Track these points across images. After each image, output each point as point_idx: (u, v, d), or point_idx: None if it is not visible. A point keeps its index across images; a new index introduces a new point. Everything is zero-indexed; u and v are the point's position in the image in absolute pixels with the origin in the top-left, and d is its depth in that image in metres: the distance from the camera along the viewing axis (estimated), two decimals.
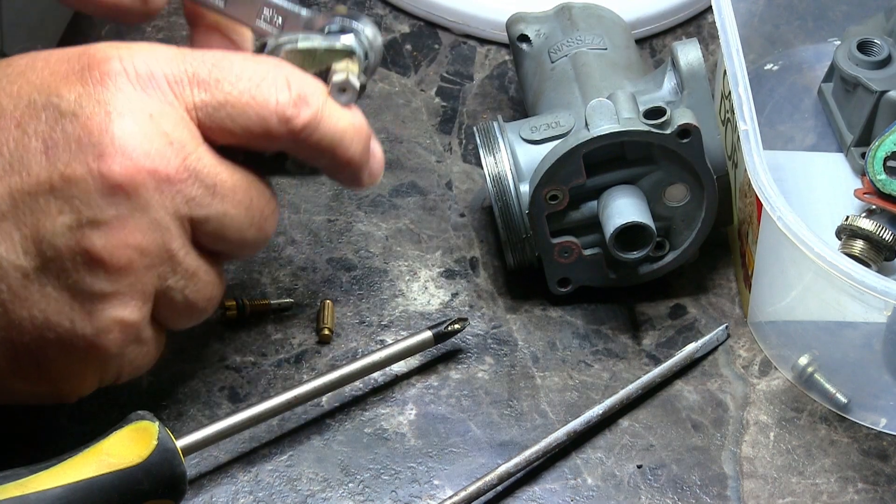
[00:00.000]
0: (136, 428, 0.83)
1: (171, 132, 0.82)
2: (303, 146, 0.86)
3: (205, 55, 0.85)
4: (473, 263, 1.02)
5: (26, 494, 0.79)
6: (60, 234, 0.81)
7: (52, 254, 0.81)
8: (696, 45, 0.97)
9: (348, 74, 0.87)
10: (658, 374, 0.95)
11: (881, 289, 0.86)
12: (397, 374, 0.95)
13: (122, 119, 0.81)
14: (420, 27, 1.17)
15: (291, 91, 0.84)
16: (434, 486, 0.90)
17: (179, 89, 0.83)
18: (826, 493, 0.91)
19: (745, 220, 0.97)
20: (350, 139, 0.87)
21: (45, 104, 0.81)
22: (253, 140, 0.85)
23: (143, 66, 0.83)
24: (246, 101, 0.84)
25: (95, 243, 0.81)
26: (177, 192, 0.82)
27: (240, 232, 0.85)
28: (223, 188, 0.84)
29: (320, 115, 0.85)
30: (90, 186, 0.81)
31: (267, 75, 0.84)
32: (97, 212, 0.81)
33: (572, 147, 0.93)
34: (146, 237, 0.82)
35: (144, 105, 0.82)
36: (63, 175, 0.80)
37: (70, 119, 0.81)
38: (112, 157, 0.81)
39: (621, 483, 0.91)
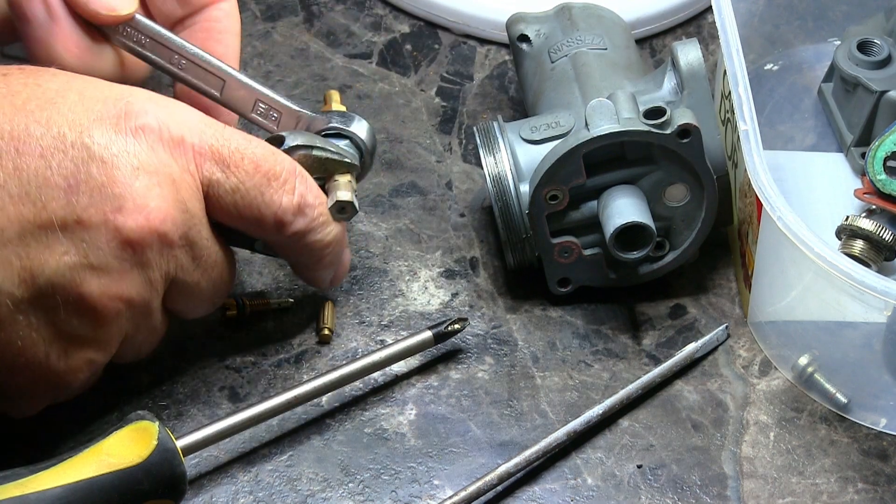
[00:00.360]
0: (136, 428, 0.83)
1: (187, 201, 0.84)
2: (284, 245, 0.90)
3: (233, 134, 0.87)
4: (473, 263, 1.02)
5: (26, 494, 0.79)
6: (61, 273, 0.81)
7: (46, 290, 0.82)
8: (696, 45, 0.97)
9: (352, 196, 0.91)
10: (658, 374, 0.95)
11: (881, 289, 0.86)
12: (397, 374, 0.95)
13: (148, 178, 0.83)
14: (420, 27, 1.17)
15: (295, 198, 0.88)
16: (434, 486, 0.90)
17: (201, 161, 0.85)
18: (826, 493, 0.91)
19: (745, 220, 0.97)
20: (328, 251, 0.92)
21: (73, 142, 0.81)
22: (243, 226, 0.88)
23: (177, 130, 0.84)
24: (254, 195, 0.87)
25: (92, 290, 0.82)
26: (172, 257, 0.85)
27: (200, 301, 0.89)
28: (207, 262, 0.87)
29: (311, 228, 0.89)
30: (102, 235, 0.82)
31: (280, 175, 0.88)
32: (102, 260, 0.82)
33: (572, 147, 0.93)
34: (137, 293, 0.84)
35: (170, 169, 0.84)
36: (79, 218, 0.81)
37: (98, 164, 0.81)
38: (130, 213, 0.82)
39: (621, 483, 0.91)
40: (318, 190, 0.90)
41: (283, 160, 0.88)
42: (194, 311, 0.90)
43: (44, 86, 0.83)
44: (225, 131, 0.87)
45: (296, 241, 0.90)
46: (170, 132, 0.84)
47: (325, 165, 0.92)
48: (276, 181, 0.87)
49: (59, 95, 0.83)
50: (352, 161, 0.93)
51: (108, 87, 0.85)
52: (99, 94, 0.84)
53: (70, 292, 0.82)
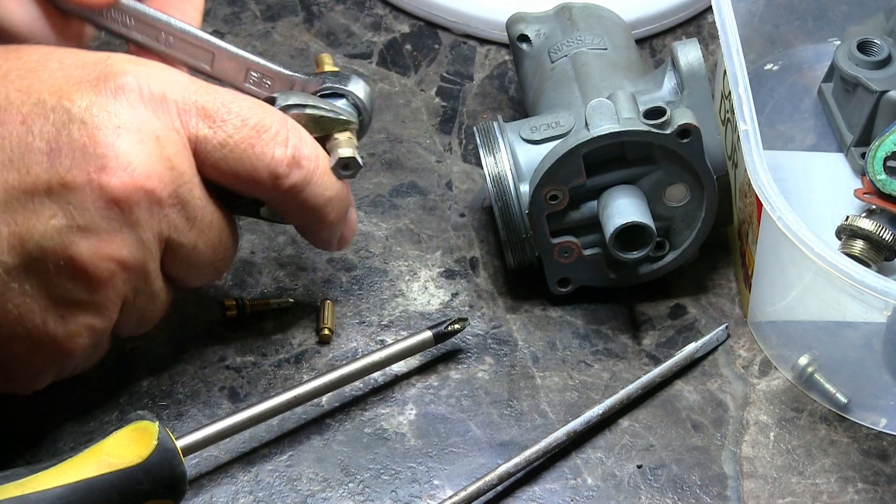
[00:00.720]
0: (136, 428, 0.83)
1: (173, 158, 0.84)
2: (284, 203, 0.88)
3: (218, 90, 0.86)
4: (473, 263, 1.02)
5: (26, 494, 0.79)
6: (49, 237, 0.81)
7: (37, 255, 0.81)
8: (696, 45, 0.97)
9: (354, 152, 0.89)
10: (658, 374, 0.95)
11: (881, 289, 0.86)
12: (397, 374, 0.95)
13: (129, 135, 0.82)
14: (420, 27, 1.17)
15: (288, 149, 0.86)
16: (434, 486, 0.90)
17: (186, 118, 0.84)
18: (826, 493, 0.91)
19: (745, 220, 0.97)
20: (331, 208, 0.90)
21: (54, 106, 0.81)
22: (239, 185, 0.87)
23: (157, 88, 0.84)
24: (244, 147, 0.85)
25: (82, 252, 0.82)
26: (164, 216, 0.84)
27: (200, 266, 0.88)
28: (202, 223, 0.86)
29: (309, 180, 0.87)
30: (87, 195, 0.81)
31: (270, 128, 0.86)
32: (89, 221, 0.82)
33: (572, 147, 0.93)
34: (130, 253, 0.83)
35: (152, 126, 0.83)
36: (62, 180, 0.81)
37: (78, 125, 0.81)
38: (114, 171, 0.81)
39: (621, 483, 0.91)
40: (313, 143, 0.88)
41: (272, 112, 0.87)
42: (196, 278, 0.89)
43: (24, 57, 0.83)
44: (209, 88, 0.86)
45: (295, 197, 0.88)
46: (150, 90, 0.83)
47: (321, 124, 0.90)
48: (267, 133, 0.86)
49: (40, 65, 0.83)
50: (348, 118, 0.91)
51: (89, 53, 0.84)
52: (78, 60, 0.83)
53: (60, 255, 0.81)
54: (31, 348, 0.84)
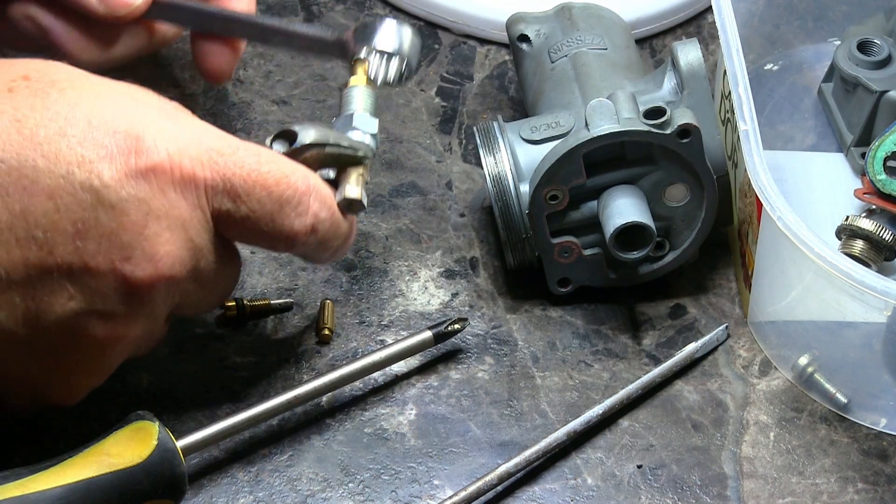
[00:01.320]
0: (136, 428, 0.83)
1: (195, 238, 0.82)
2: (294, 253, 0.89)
3: (245, 154, 0.83)
4: (473, 263, 1.02)
5: (26, 494, 0.79)
6: (65, 317, 0.80)
7: (50, 331, 0.80)
8: (696, 45, 0.97)
9: (362, 193, 0.88)
10: (658, 374, 0.95)
11: (881, 289, 0.86)
12: (397, 374, 0.95)
13: (158, 223, 0.80)
14: (420, 27, 1.17)
15: (308, 219, 0.85)
16: (434, 486, 0.90)
17: (212, 195, 0.82)
18: (826, 493, 0.91)
19: (745, 220, 0.97)
20: (336, 250, 0.89)
21: (83, 184, 0.78)
22: (253, 245, 0.87)
23: (188, 166, 0.81)
24: (265, 222, 0.84)
25: (97, 333, 0.82)
26: (178, 290, 0.83)
27: (206, 308, 0.89)
28: (210, 282, 0.85)
29: (322, 241, 0.87)
30: (110, 283, 0.80)
31: (292, 199, 0.84)
32: (108, 306, 0.81)
33: (572, 147, 0.93)
34: (143, 329, 0.83)
35: (180, 210, 0.81)
36: (86, 265, 0.79)
37: (107, 209, 0.79)
38: (138, 262, 0.80)
39: (621, 483, 0.91)
40: (330, 199, 0.87)
41: (297, 180, 0.84)
42: (195, 314, 0.90)
43: (51, 108, 0.79)
44: (237, 154, 0.83)
45: (305, 252, 0.88)
46: (181, 170, 0.80)
47: (339, 160, 0.89)
48: (289, 205, 0.84)
49: (68, 123, 0.79)
50: (365, 153, 0.90)
51: (118, 109, 0.81)
52: (109, 124, 0.80)
53: (75, 335, 0.81)
54: (31, 401, 0.85)
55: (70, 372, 0.83)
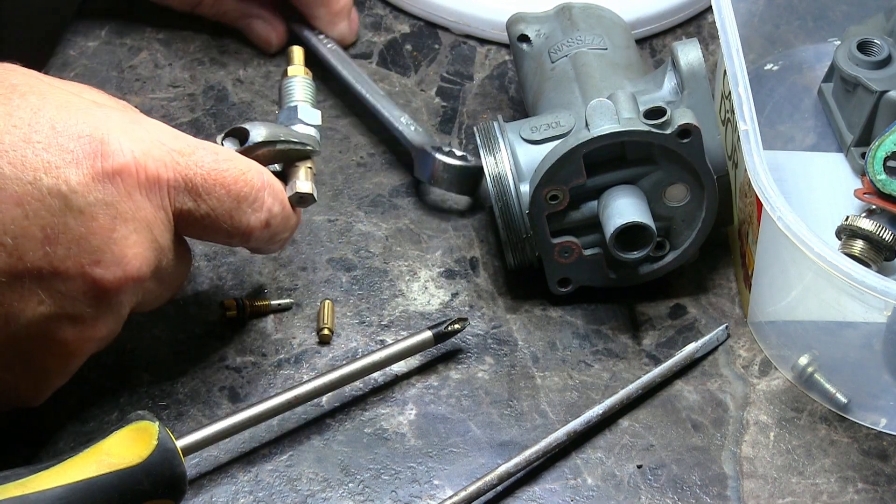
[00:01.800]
0: (136, 428, 0.83)
1: (159, 238, 0.84)
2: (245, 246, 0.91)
3: (204, 158, 0.85)
4: (473, 263, 1.02)
5: (26, 494, 0.79)
6: (35, 321, 0.81)
7: (20, 335, 0.81)
8: (696, 45, 0.97)
9: (312, 187, 0.92)
10: (658, 374, 0.95)
11: (881, 289, 0.86)
12: (397, 374, 0.95)
13: (125, 226, 0.81)
14: (420, 27, 1.17)
15: (262, 214, 0.88)
16: (434, 486, 0.90)
17: (174, 195, 0.84)
18: (826, 493, 0.91)
19: (745, 220, 0.97)
20: (284, 242, 0.92)
21: (50, 189, 0.79)
22: (210, 240, 0.89)
23: (153, 169, 0.82)
24: (224, 219, 0.86)
25: (67, 336, 0.82)
26: (143, 289, 0.85)
27: (158, 303, 0.89)
28: (170, 279, 0.87)
29: (274, 233, 0.89)
30: (79, 287, 0.81)
31: (248, 196, 0.87)
32: (77, 309, 0.82)
33: (572, 147, 0.93)
34: (109, 329, 0.84)
35: (145, 212, 0.82)
36: (56, 269, 0.80)
37: (75, 214, 0.80)
38: (107, 266, 0.81)
39: (621, 483, 0.91)
40: (282, 193, 0.90)
41: (253, 177, 0.87)
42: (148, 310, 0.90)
43: (14, 115, 0.80)
44: (196, 154, 0.85)
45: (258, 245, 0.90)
46: (146, 172, 0.82)
47: (288, 155, 0.92)
48: (246, 202, 0.87)
49: (32, 129, 0.79)
50: (314, 147, 0.93)
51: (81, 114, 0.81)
52: (73, 129, 0.80)
53: (44, 339, 0.82)
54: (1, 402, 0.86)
55: (38, 374, 0.84)
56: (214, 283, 0.99)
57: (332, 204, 1.04)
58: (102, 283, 0.81)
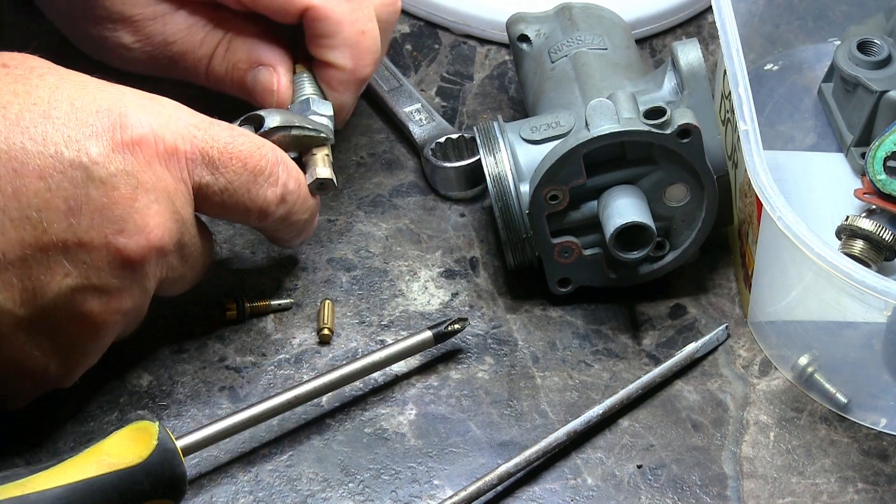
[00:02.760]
0: (136, 428, 0.83)
1: (181, 210, 0.85)
2: (263, 228, 0.92)
3: (220, 133, 0.87)
4: (473, 263, 1.02)
5: (26, 494, 0.79)
6: (62, 294, 0.82)
7: (48, 309, 0.82)
8: (696, 45, 0.97)
9: (331, 172, 0.93)
10: (658, 374, 0.95)
11: (881, 289, 0.86)
12: (397, 374, 0.95)
13: (147, 196, 0.83)
14: (420, 27, 1.17)
15: (278, 188, 0.89)
16: (434, 486, 0.90)
17: (192, 167, 0.86)
18: (826, 493, 0.91)
19: (745, 220, 0.97)
20: (303, 226, 0.93)
21: (72, 161, 0.81)
22: (230, 218, 0.90)
23: (171, 140, 0.84)
24: (241, 193, 0.88)
25: (93, 308, 0.83)
26: (166, 263, 0.86)
27: (184, 287, 0.91)
28: (193, 257, 0.88)
29: (291, 212, 0.91)
30: (103, 257, 0.82)
31: (265, 169, 0.88)
32: (103, 281, 0.83)
33: (572, 147, 0.93)
34: (135, 303, 0.85)
35: (166, 182, 0.84)
36: (80, 240, 0.81)
37: (97, 185, 0.81)
38: (131, 235, 0.82)
39: (621, 483, 0.90)
40: (297, 172, 0.91)
41: (268, 153, 0.89)
42: (175, 293, 0.91)
43: (34, 94, 0.82)
44: (212, 129, 0.87)
45: (277, 225, 0.91)
46: (164, 144, 0.84)
47: (303, 142, 0.94)
48: (262, 176, 0.88)
49: (52, 106, 0.82)
50: (327, 134, 0.94)
51: (99, 91, 0.84)
52: (91, 104, 0.83)
53: (72, 312, 0.83)
54: (31, 385, 0.86)
55: (68, 351, 0.85)
56: (214, 284, 0.99)
57: (331, 204, 1.04)
58: (126, 252, 0.82)
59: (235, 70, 0.99)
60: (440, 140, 1.05)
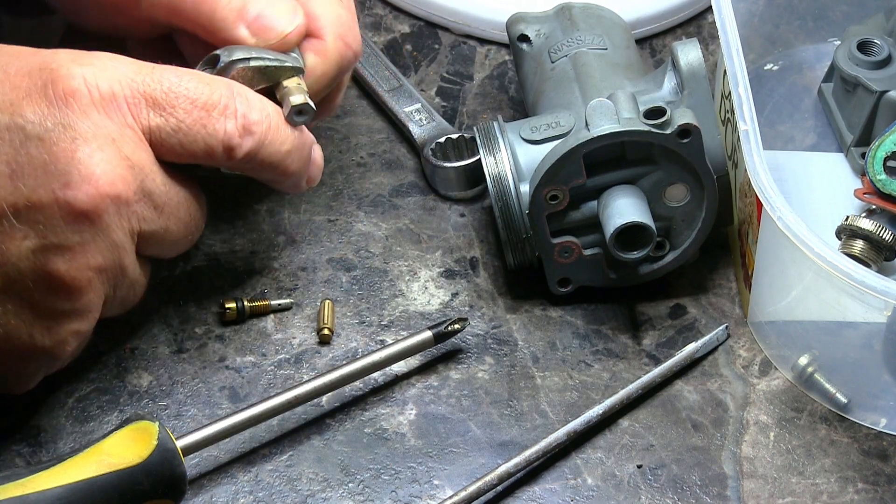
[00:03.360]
0: (136, 428, 0.83)
1: (131, 155, 0.84)
2: (243, 168, 0.89)
3: (162, 74, 0.86)
4: (473, 263, 1.02)
5: (26, 494, 0.79)
6: (24, 257, 0.81)
7: (15, 275, 0.81)
8: (696, 45, 0.97)
9: (305, 97, 0.90)
10: (658, 374, 0.95)
11: (881, 289, 0.85)
12: (397, 374, 0.95)
13: (87, 145, 0.82)
14: (420, 27, 1.17)
15: (237, 120, 0.87)
16: (434, 486, 0.90)
17: (137, 111, 0.84)
18: (826, 493, 0.91)
19: (745, 220, 0.97)
20: (291, 160, 0.90)
21: (8, 124, 0.81)
22: (196, 161, 0.87)
23: (106, 87, 0.83)
24: (197, 129, 0.86)
25: (59, 267, 0.82)
26: (132, 213, 0.84)
27: (174, 242, 0.89)
28: (169, 206, 0.86)
29: (262, 143, 0.88)
30: (55, 213, 0.81)
31: (218, 103, 0.86)
32: (61, 238, 0.82)
33: (572, 147, 0.93)
34: (105, 258, 0.84)
35: (107, 129, 0.83)
36: (29, 201, 0.81)
37: (35, 143, 0.81)
38: (77, 186, 0.81)
39: (621, 483, 0.90)
40: (261, 103, 0.89)
41: (218, 86, 0.87)
42: (170, 252, 0.90)
43: None
44: (154, 73, 0.85)
45: (251, 161, 0.88)
46: (99, 91, 0.83)
47: (268, 74, 0.91)
48: (216, 109, 0.86)
49: None
50: (294, 64, 0.91)
51: (31, 55, 0.83)
52: (24, 67, 0.82)
53: (39, 274, 0.82)
54: (21, 360, 0.85)
55: (47, 316, 0.84)
56: (214, 283, 0.99)
57: (332, 204, 1.04)
58: (77, 203, 0.81)
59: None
60: (440, 140, 1.05)
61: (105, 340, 0.94)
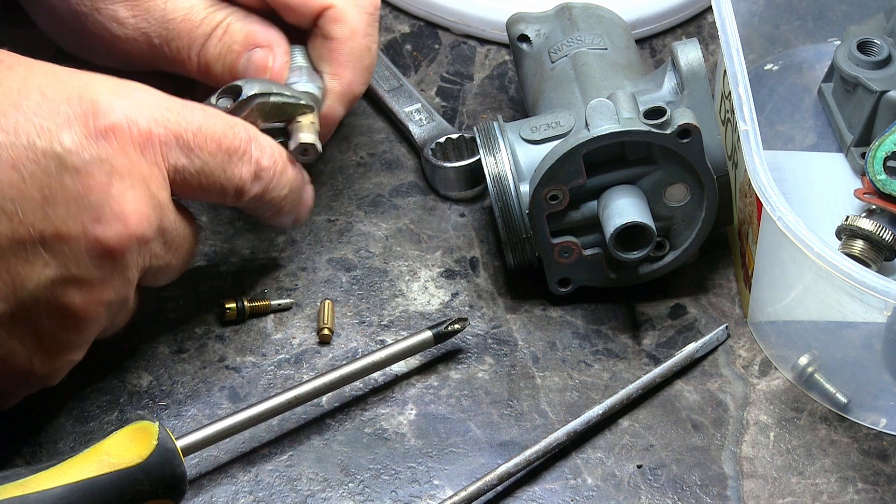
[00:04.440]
0: (136, 428, 0.83)
1: (157, 194, 0.84)
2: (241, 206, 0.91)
3: (193, 115, 0.86)
4: (473, 263, 1.02)
5: (26, 494, 0.79)
6: (42, 286, 0.81)
7: (29, 303, 0.81)
8: (696, 45, 0.97)
9: (314, 138, 0.93)
10: (658, 374, 0.95)
11: (881, 289, 0.86)
12: (397, 374, 0.95)
13: (122, 182, 0.82)
14: (420, 27, 1.17)
15: (252, 166, 0.88)
16: (434, 486, 0.90)
17: (167, 151, 0.85)
18: (826, 493, 0.91)
19: (745, 220, 0.97)
20: (285, 203, 0.92)
21: (45, 150, 0.80)
22: (207, 199, 0.89)
23: (145, 125, 0.84)
24: (218, 173, 0.87)
25: (75, 300, 0.82)
26: (148, 250, 0.85)
27: (170, 275, 0.90)
28: (175, 242, 0.87)
29: (267, 188, 0.90)
30: (82, 247, 0.81)
31: (239, 147, 0.88)
32: (83, 271, 0.82)
33: (572, 147, 0.93)
34: (118, 293, 0.84)
35: (141, 168, 0.83)
36: (57, 231, 0.80)
37: (71, 173, 0.80)
38: (108, 222, 0.81)
39: (621, 483, 0.90)
40: (271, 148, 0.90)
41: (240, 131, 0.88)
42: (162, 283, 0.91)
43: (3, 84, 0.81)
44: (185, 111, 0.86)
45: (252, 202, 0.90)
46: (138, 129, 0.83)
47: (285, 110, 0.93)
48: (236, 154, 0.88)
49: (22, 96, 0.80)
50: (309, 102, 0.93)
51: (69, 77, 0.83)
52: (62, 92, 0.82)
53: (53, 305, 0.82)
54: (15, 383, 0.86)
55: (51, 346, 0.84)
56: (214, 283, 0.99)
57: (332, 204, 1.04)
58: (105, 240, 0.81)
59: (230, 53, 0.96)
60: (440, 140, 1.05)
61: (105, 340, 0.94)
